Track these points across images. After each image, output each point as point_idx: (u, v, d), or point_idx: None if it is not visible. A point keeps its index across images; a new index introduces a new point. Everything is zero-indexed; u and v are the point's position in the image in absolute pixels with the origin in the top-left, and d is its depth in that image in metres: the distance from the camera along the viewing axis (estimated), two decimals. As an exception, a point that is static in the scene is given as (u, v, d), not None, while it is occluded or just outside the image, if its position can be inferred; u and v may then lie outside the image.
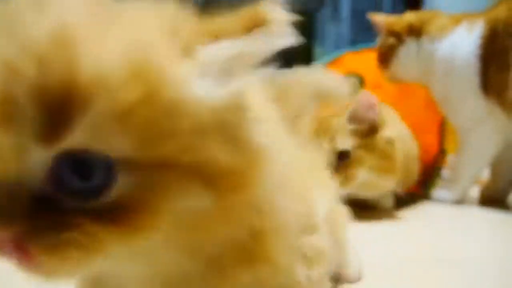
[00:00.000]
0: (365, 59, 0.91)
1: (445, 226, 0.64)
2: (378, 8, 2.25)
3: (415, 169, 0.74)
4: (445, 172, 0.90)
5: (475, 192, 0.82)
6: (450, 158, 0.96)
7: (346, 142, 0.59)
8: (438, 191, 0.80)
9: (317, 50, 2.67)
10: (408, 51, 0.79)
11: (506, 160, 0.81)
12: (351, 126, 0.60)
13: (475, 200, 0.82)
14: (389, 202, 0.74)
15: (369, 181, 0.61)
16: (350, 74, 0.90)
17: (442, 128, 0.84)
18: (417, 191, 0.83)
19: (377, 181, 0.62)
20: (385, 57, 0.80)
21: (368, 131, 0.61)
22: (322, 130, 0.60)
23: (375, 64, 0.84)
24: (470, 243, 0.54)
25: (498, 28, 0.70)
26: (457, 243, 0.53)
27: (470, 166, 0.77)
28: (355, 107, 0.60)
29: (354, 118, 0.60)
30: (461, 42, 0.75)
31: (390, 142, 0.62)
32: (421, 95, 0.87)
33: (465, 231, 0.61)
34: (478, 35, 0.73)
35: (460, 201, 0.78)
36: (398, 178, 0.64)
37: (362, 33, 2.23)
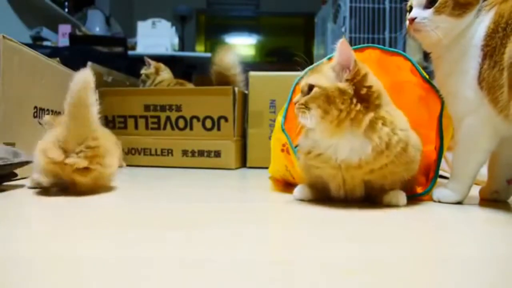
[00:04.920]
0: None
1: (445, 226, 0.64)
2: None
3: (417, 157, 0.75)
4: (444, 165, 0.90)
5: (475, 192, 0.83)
6: (448, 156, 0.96)
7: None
8: (438, 191, 0.80)
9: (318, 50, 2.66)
10: (473, 13, 0.73)
11: (501, 159, 0.81)
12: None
13: (475, 200, 0.83)
14: (403, 200, 0.74)
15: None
16: None
17: (440, 125, 0.85)
18: (422, 189, 0.84)
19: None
20: (461, 9, 0.73)
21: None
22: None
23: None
24: (470, 243, 0.54)
25: (500, 24, 0.68)
26: (457, 243, 0.53)
27: (466, 161, 0.76)
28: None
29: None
30: (480, 26, 0.72)
31: None
32: (414, 91, 0.88)
33: (465, 231, 0.61)
34: (486, 24, 0.71)
35: (460, 201, 0.78)
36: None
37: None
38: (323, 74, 0.72)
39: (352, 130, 0.70)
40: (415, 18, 0.76)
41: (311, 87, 0.72)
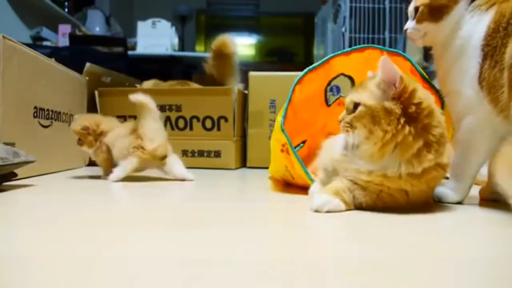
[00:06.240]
0: (353, 61, 0.92)
1: (445, 226, 0.64)
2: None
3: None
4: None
5: (475, 192, 0.82)
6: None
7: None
8: (438, 191, 0.80)
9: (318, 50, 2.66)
10: (457, 13, 0.76)
11: None
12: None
13: (475, 200, 0.83)
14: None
15: None
16: (341, 75, 0.93)
17: None
18: None
19: None
20: (437, 13, 0.77)
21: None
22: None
23: (363, 66, 0.86)
24: (470, 243, 0.54)
25: (502, 23, 0.68)
26: (457, 243, 0.53)
27: (466, 161, 0.76)
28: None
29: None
30: (479, 26, 0.73)
31: None
32: None
33: (465, 231, 0.61)
34: (486, 24, 0.71)
35: (460, 201, 0.78)
36: None
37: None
38: (369, 91, 0.68)
39: (396, 154, 0.66)
40: (407, 29, 0.83)
41: (356, 105, 0.68)
